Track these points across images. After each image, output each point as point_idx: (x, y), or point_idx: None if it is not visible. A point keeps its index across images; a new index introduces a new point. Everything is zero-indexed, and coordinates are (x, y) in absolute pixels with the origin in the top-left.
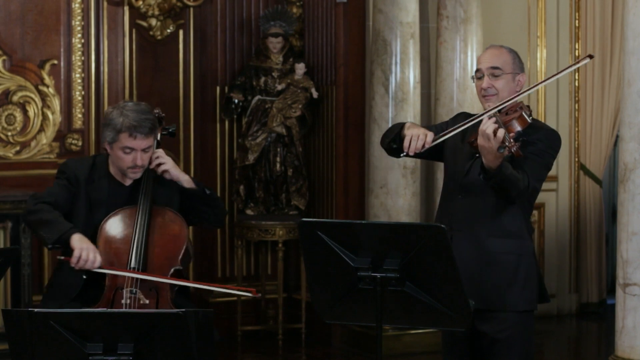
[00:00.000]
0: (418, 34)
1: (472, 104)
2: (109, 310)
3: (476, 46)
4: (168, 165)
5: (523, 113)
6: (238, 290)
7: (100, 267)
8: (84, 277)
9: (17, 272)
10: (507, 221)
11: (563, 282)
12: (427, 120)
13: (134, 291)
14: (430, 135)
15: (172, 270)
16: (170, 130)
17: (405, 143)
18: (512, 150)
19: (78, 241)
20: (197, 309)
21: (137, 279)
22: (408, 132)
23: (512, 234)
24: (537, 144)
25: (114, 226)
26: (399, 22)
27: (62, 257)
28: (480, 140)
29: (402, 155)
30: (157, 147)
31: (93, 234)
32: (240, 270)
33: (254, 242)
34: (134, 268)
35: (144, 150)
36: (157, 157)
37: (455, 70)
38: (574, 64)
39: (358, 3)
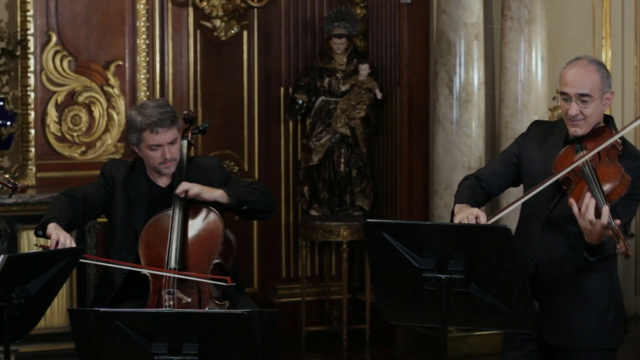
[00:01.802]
0: (482, 34)
1: (536, 105)
2: (175, 310)
3: (540, 47)
4: (195, 190)
5: (624, 171)
6: (210, 279)
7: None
8: (124, 275)
9: (83, 272)
10: None
11: (628, 284)
12: (492, 121)
13: (172, 291)
14: (483, 217)
15: (211, 265)
16: (201, 128)
17: None
18: (621, 252)
19: (53, 229)
20: (261, 310)
21: (173, 280)
22: (457, 218)
23: (602, 267)
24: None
25: (152, 231)
26: (463, 22)
27: (38, 244)
28: (581, 222)
29: None
30: (189, 147)
31: (132, 233)
32: (304, 271)
33: (318, 242)
34: (173, 268)
35: (170, 144)
36: (186, 192)
37: (520, 71)
38: None
39: (422, 4)
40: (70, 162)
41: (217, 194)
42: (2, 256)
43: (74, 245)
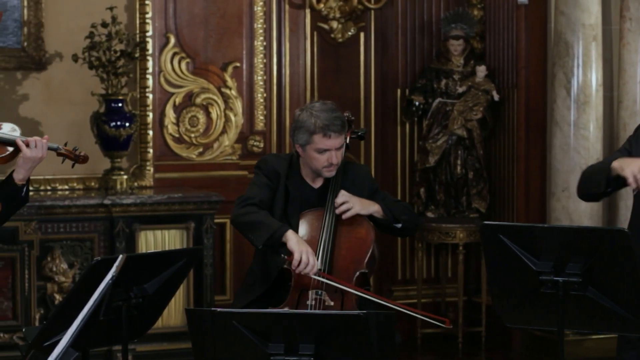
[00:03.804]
0: (600, 36)
1: None
2: (290, 311)
3: None
4: (355, 208)
5: None
6: (430, 317)
7: (316, 274)
8: (279, 268)
9: (200, 273)
10: None
11: None
12: (610, 123)
13: (320, 293)
14: None
15: (357, 273)
16: (359, 133)
17: (632, 183)
18: None
19: (296, 243)
20: (378, 311)
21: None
22: (628, 171)
23: None
24: None
25: (302, 228)
26: (581, 24)
27: (285, 256)
28: None
29: (635, 191)
30: (346, 150)
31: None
32: (420, 273)
33: (434, 244)
34: (319, 270)
35: (337, 149)
36: (342, 207)
37: (639, 72)
38: None
39: (540, 5)
40: (188, 163)
41: (373, 208)
42: (120, 256)
43: (317, 263)
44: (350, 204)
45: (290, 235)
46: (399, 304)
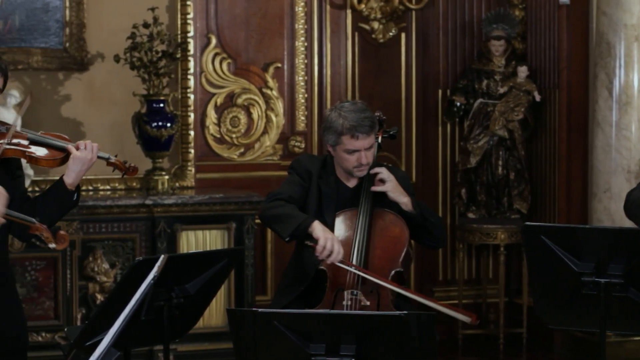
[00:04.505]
0: None
1: None
2: (332, 311)
3: None
4: (388, 186)
5: None
6: (458, 312)
7: (341, 262)
8: (317, 267)
9: (241, 273)
10: None
11: None
12: None
13: (355, 292)
14: None
15: (392, 272)
16: (391, 132)
17: None
18: None
19: (322, 231)
20: (419, 312)
21: (358, 280)
22: None
23: None
24: None
25: (337, 228)
26: (623, 24)
27: (310, 243)
28: None
29: None
30: (378, 150)
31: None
32: (461, 274)
33: (475, 245)
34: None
35: (367, 149)
36: (380, 175)
37: None
38: None
39: (581, 5)
40: (229, 164)
41: (404, 199)
42: (162, 256)
43: (342, 250)
44: (388, 183)
45: (316, 225)
46: (431, 299)
